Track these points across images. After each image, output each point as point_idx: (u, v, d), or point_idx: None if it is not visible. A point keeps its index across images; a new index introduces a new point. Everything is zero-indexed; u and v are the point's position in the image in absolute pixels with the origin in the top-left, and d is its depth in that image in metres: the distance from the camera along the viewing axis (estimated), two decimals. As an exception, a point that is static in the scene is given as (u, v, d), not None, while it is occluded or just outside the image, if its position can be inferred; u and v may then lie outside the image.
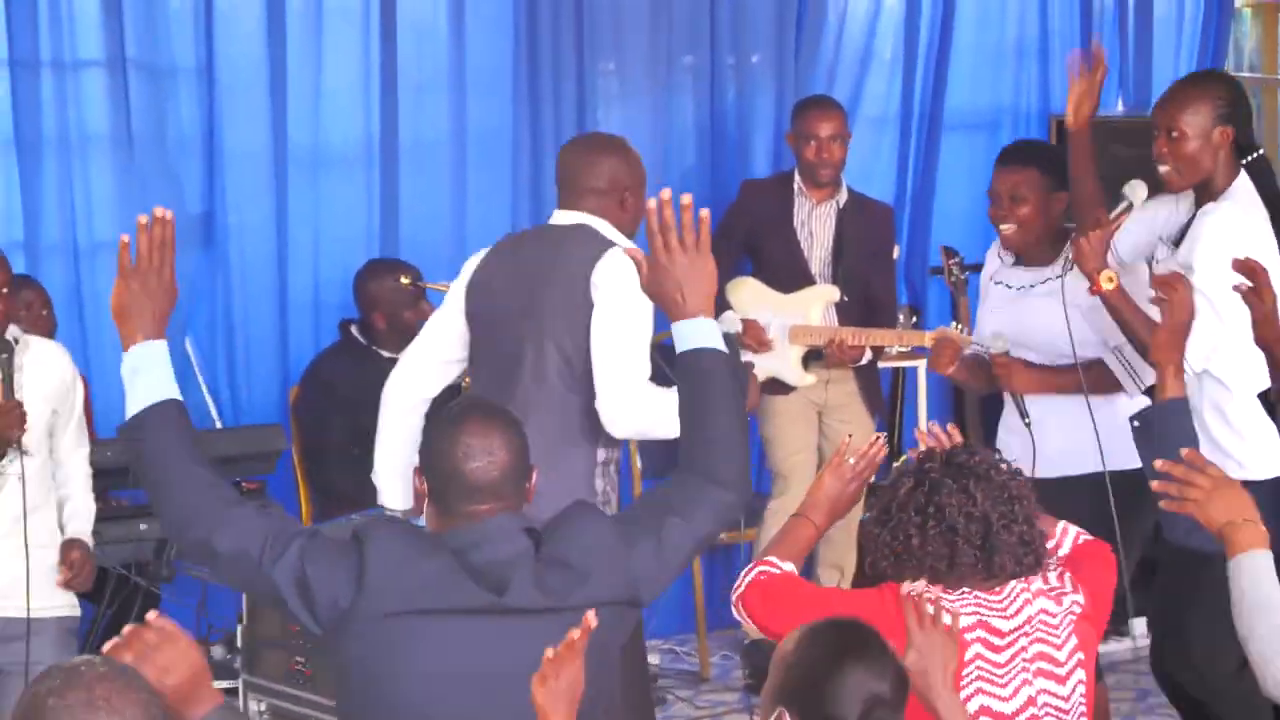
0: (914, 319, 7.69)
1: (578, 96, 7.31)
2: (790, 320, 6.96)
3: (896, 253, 7.44)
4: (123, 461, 4.14)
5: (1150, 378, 5.14)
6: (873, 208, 7.17)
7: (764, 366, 6.96)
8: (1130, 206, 5.15)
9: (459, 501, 3.59)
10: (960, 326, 6.65)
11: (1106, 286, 5.03)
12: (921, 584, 3.71)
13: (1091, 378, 5.31)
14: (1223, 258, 4.71)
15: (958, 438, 3.94)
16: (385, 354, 6.68)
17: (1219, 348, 4.91)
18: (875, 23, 7.89)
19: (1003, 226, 5.47)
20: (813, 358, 7.00)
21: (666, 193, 3.74)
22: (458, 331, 5.14)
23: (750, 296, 7.03)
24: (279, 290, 6.98)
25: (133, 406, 3.61)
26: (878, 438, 4.06)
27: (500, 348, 5.02)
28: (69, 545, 5.30)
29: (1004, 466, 3.87)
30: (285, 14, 6.88)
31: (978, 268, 5.77)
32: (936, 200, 7.96)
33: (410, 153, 7.13)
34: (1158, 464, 3.71)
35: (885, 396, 7.47)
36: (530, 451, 3.68)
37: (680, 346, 3.75)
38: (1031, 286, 5.47)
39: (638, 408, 4.85)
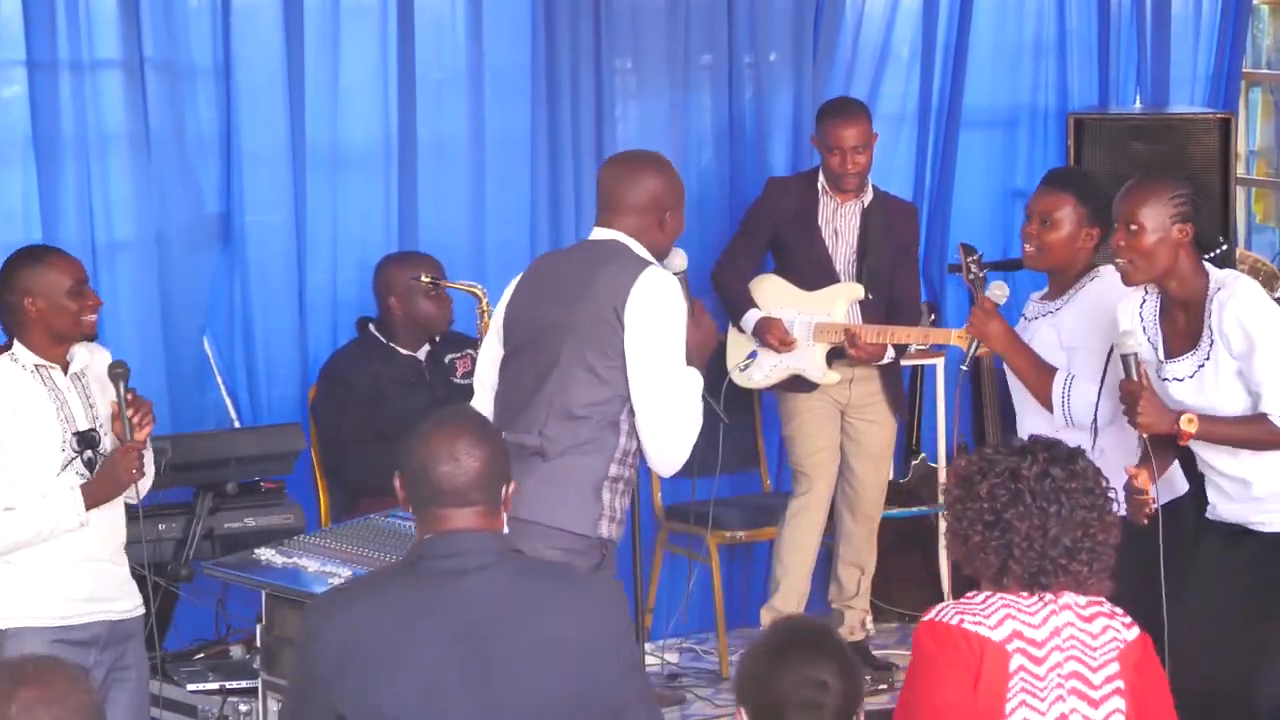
0: (932, 316, 7.68)
1: (596, 95, 7.30)
2: (815, 318, 6.95)
3: (916, 250, 7.44)
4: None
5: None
6: (898, 207, 7.16)
7: (787, 364, 6.95)
8: (1136, 355, 5.03)
9: (427, 504, 3.66)
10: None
11: (1190, 429, 4.96)
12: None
13: (1044, 384, 5.30)
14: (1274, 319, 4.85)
15: None
16: (403, 351, 6.68)
17: None
18: (893, 20, 7.88)
19: (1026, 245, 5.45)
20: (837, 355, 6.99)
21: None
22: (501, 357, 5.16)
23: (774, 294, 7.02)
24: (297, 289, 6.97)
25: None
26: None
27: (527, 358, 5.03)
28: None
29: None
30: (303, 13, 6.87)
31: (996, 265, 5.77)
32: (954, 197, 7.94)
33: (428, 151, 7.12)
34: None
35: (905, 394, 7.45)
36: (508, 463, 3.75)
37: None
38: (1040, 316, 5.46)
39: (681, 452, 4.97)
